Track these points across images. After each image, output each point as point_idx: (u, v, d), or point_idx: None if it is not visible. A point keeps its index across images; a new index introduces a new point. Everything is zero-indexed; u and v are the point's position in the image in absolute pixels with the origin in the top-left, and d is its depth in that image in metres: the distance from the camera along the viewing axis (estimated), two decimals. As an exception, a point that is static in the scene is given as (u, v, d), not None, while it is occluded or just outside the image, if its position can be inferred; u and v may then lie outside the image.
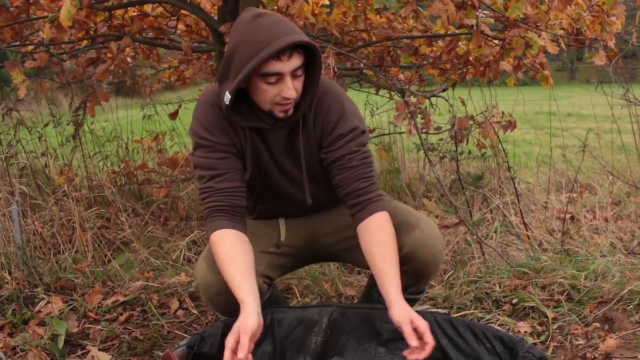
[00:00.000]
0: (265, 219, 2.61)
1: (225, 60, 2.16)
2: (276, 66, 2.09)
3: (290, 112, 2.23)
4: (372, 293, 2.69)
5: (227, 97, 2.15)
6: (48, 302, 3.34)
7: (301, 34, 2.11)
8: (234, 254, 2.17)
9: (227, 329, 2.25)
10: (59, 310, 3.24)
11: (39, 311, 3.26)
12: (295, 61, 2.11)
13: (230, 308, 2.33)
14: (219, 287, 2.31)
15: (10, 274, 3.61)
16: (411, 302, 2.37)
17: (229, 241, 2.21)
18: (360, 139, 2.32)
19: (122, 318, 3.21)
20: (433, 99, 4.14)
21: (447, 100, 3.62)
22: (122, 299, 3.39)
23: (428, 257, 2.40)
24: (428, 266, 2.42)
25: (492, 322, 2.97)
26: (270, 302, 2.53)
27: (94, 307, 3.33)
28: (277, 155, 2.38)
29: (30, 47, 4.21)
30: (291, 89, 2.13)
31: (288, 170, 2.41)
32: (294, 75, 2.14)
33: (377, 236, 2.22)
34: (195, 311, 3.27)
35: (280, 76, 2.11)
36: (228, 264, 2.15)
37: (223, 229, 2.23)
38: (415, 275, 2.43)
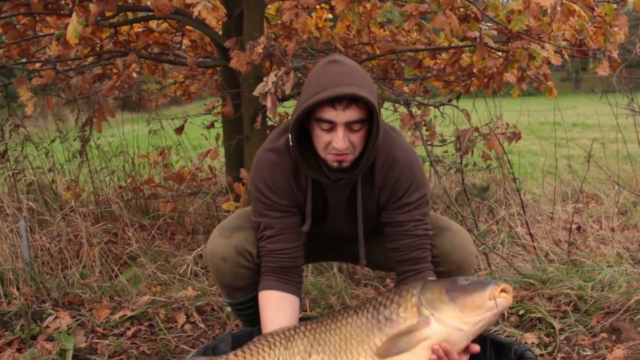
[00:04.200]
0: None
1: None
2: (330, 114, 2.08)
3: (345, 164, 2.19)
4: None
5: (289, 137, 2.19)
6: (56, 317, 3.35)
7: (364, 89, 2.07)
8: (272, 318, 2.26)
9: (237, 340, 2.28)
10: (67, 326, 3.25)
11: (47, 326, 3.27)
12: (352, 114, 2.08)
13: (236, 283, 2.42)
14: (225, 251, 2.39)
15: (18, 289, 3.62)
16: None
17: (271, 304, 2.28)
18: (425, 208, 2.34)
19: (129, 333, 3.22)
20: (439, 112, 4.15)
21: (457, 107, 3.63)
22: (129, 313, 3.40)
23: (461, 258, 2.43)
24: (460, 267, 2.44)
25: (499, 334, 2.97)
26: None
27: (102, 322, 3.34)
28: (335, 211, 2.41)
29: (37, 65, 4.25)
30: (341, 141, 2.10)
31: (339, 224, 2.45)
32: (350, 128, 2.11)
33: None
34: (202, 325, 3.27)
35: (333, 125, 2.10)
36: (265, 328, 2.25)
37: (269, 289, 2.31)
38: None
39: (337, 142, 2.10)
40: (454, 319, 1.95)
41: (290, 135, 2.17)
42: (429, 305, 1.97)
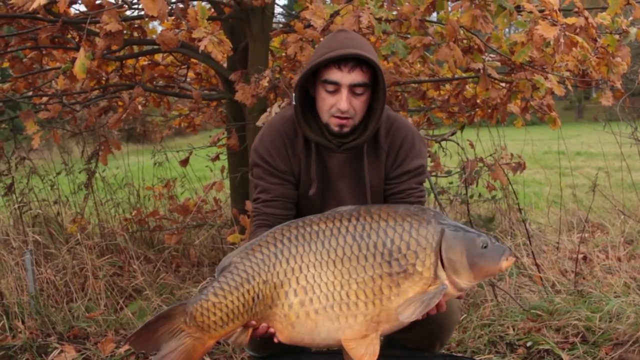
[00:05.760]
0: None
1: None
2: (335, 75, 2.20)
3: (346, 129, 2.28)
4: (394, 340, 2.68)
5: (293, 96, 2.27)
6: (61, 351, 3.33)
7: (370, 54, 2.20)
8: None
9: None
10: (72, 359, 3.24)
11: (52, 361, 3.26)
12: (356, 76, 2.21)
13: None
14: None
15: (23, 323, 3.61)
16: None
17: None
18: (421, 177, 2.44)
19: (135, 367, 3.21)
20: (443, 142, 4.16)
21: (458, 144, 3.64)
22: (135, 347, 3.38)
23: (442, 318, 2.24)
24: (442, 327, 2.35)
25: (507, 366, 2.95)
26: None
27: (107, 356, 3.32)
28: (334, 178, 2.43)
29: (44, 99, 4.28)
30: (344, 102, 2.21)
31: (343, 194, 2.45)
32: (353, 91, 2.23)
33: None
34: (208, 359, 3.25)
35: (337, 87, 2.21)
36: None
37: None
38: (429, 337, 2.36)
39: (340, 103, 2.21)
40: (466, 284, 2.00)
41: (294, 95, 2.27)
42: (449, 267, 1.96)
